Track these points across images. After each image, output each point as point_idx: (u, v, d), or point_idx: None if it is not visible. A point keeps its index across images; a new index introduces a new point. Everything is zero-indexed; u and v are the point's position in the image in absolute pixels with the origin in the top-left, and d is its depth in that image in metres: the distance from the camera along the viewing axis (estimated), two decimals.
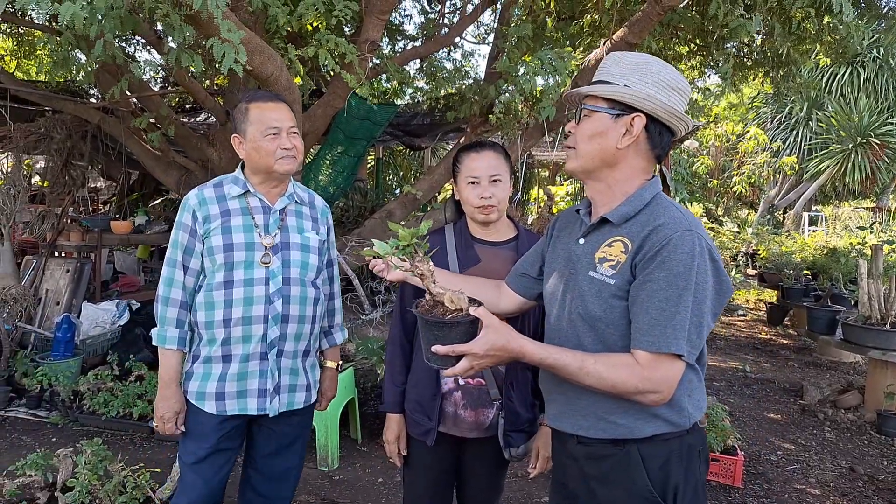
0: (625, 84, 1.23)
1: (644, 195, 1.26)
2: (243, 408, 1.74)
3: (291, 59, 2.96)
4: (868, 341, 4.18)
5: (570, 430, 1.30)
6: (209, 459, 1.75)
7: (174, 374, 1.74)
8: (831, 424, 4.18)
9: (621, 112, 1.24)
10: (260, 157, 1.72)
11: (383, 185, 7.74)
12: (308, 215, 1.86)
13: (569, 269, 1.32)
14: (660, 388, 1.17)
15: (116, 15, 2.16)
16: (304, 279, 1.79)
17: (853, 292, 4.97)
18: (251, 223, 1.74)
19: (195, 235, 1.73)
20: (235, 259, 1.70)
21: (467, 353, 1.16)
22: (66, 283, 4.84)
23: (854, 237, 9.11)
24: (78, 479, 2.36)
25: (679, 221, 1.20)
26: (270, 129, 1.70)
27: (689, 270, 1.16)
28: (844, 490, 3.21)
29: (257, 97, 1.76)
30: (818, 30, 3.70)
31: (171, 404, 1.73)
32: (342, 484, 3.10)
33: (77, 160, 5.18)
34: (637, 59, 1.26)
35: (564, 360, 1.18)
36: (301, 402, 1.83)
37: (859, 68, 10.55)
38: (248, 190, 1.77)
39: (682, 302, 1.15)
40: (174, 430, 1.75)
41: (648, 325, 1.16)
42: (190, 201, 1.74)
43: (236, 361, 1.72)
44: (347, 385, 3.44)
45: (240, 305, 1.70)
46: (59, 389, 3.75)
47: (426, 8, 5.09)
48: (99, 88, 4.38)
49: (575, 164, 1.31)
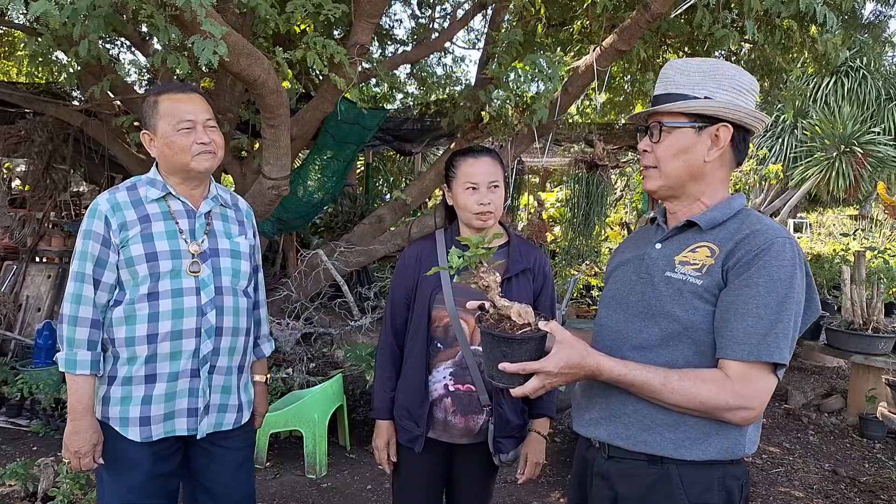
0: (705, 96, 1.17)
1: (733, 204, 1.21)
2: (170, 430, 1.57)
3: (280, 61, 2.93)
4: (851, 346, 4.23)
5: (604, 438, 1.21)
6: (146, 489, 1.57)
7: (88, 402, 1.53)
8: (815, 428, 4.22)
9: (704, 124, 1.18)
10: (174, 153, 1.55)
11: (373, 191, 7.70)
12: (234, 218, 1.71)
13: (640, 272, 1.25)
14: (752, 403, 1.08)
15: (100, 14, 2.12)
16: (236, 288, 1.64)
17: (837, 298, 5.03)
18: (175, 229, 1.58)
19: (109, 245, 1.53)
20: (161, 269, 1.53)
21: (540, 371, 1.08)
22: (48, 289, 4.74)
23: (838, 244, 9.25)
24: (59, 488, 2.32)
25: (778, 229, 1.14)
26: (184, 122, 1.53)
27: (791, 278, 1.09)
28: (827, 492, 3.24)
29: (167, 88, 1.62)
30: (803, 40, 3.76)
31: (88, 437, 1.52)
32: (330, 492, 3.06)
33: (59, 163, 5.09)
34: (703, 65, 1.20)
35: (647, 376, 1.10)
36: (230, 423, 1.67)
37: (843, 77, 10.73)
38: (169, 192, 1.60)
39: (784, 309, 1.08)
40: (92, 465, 1.55)
41: (744, 333, 1.07)
42: (100, 207, 1.54)
43: (163, 381, 1.55)
44: (336, 392, 3.40)
45: (168, 319, 1.53)
46: (40, 398, 3.67)
47: (417, 12, 5.09)
48: (82, 90, 4.31)
49: (658, 182, 1.23)
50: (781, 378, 1.12)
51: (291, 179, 3.62)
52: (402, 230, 4.45)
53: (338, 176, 4.82)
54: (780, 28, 3.54)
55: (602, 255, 6.88)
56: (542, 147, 4.50)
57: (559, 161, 7.92)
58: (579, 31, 4.32)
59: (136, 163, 4.33)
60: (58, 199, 5.31)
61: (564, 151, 6.92)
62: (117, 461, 1.57)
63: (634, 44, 3.36)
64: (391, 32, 5.29)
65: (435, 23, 4.87)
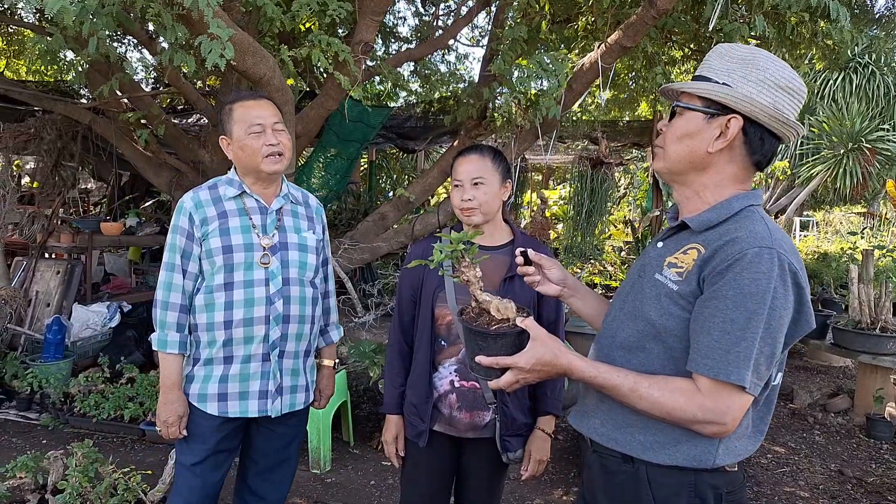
0: (724, 82, 1.10)
1: (733, 205, 1.12)
2: (244, 410, 1.74)
3: (284, 59, 2.94)
4: (858, 345, 4.20)
5: (584, 431, 1.25)
6: (208, 461, 1.76)
7: (176, 378, 1.73)
8: (821, 428, 4.19)
9: (717, 112, 1.11)
10: (246, 155, 1.71)
11: (376, 188, 7.71)
12: (304, 215, 1.87)
13: (641, 271, 1.24)
14: (721, 419, 1.04)
15: (108, 13, 2.14)
16: (303, 279, 1.79)
17: (844, 297, 5.00)
18: (249, 224, 1.74)
19: (192, 238, 1.72)
20: (235, 261, 1.70)
21: (512, 366, 1.10)
22: (57, 284, 4.79)
23: (845, 242, 9.18)
24: (69, 481, 2.34)
25: (761, 237, 1.05)
26: (254, 125, 1.69)
27: (763, 292, 1.01)
28: (833, 493, 3.23)
29: (240, 97, 1.76)
30: (812, 34, 3.73)
31: (175, 408, 1.72)
32: (334, 486, 3.08)
33: (67, 161, 5.13)
34: (745, 53, 1.12)
35: (616, 380, 1.09)
36: (301, 402, 1.85)
37: (851, 74, 10.64)
38: (245, 191, 1.76)
39: (751, 327, 1.01)
40: (178, 434, 1.74)
41: (708, 348, 1.04)
42: (185, 204, 1.73)
43: (238, 363, 1.72)
44: (340, 388, 3.43)
45: (241, 307, 1.70)
46: (49, 392, 3.72)
47: (420, 10, 5.09)
48: (90, 89, 4.35)
49: (661, 164, 1.21)
50: (758, 395, 1.07)
51: (296, 177, 3.64)
52: (406, 228, 4.46)
53: (341, 173, 4.84)
54: (788, 23, 3.51)
55: (605, 253, 6.86)
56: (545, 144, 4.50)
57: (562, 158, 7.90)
58: (584, 27, 4.31)
59: (143, 160, 4.36)
60: (66, 196, 5.36)
61: (568, 149, 6.90)
62: (191, 434, 1.75)
63: (640, 40, 3.35)
64: (395, 30, 5.29)
65: (439, 20, 4.87)
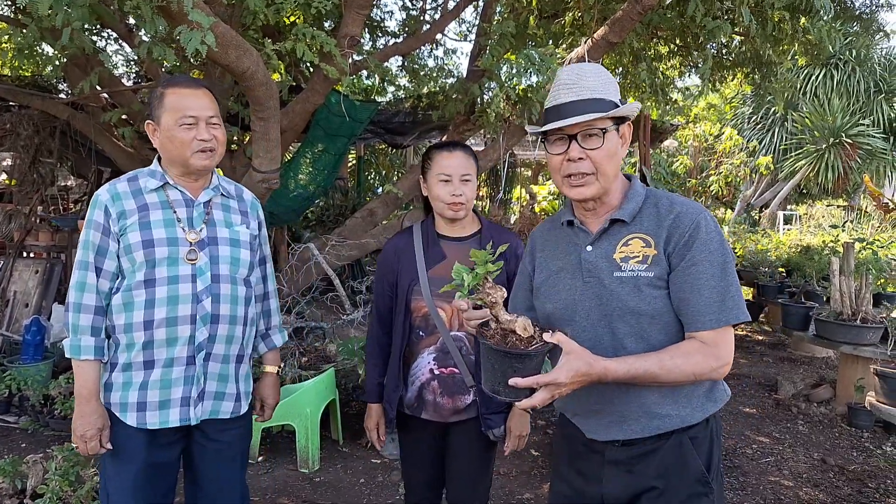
0: (619, 100, 1.28)
1: (637, 188, 1.32)
2: (164, 420, 1.58)
3: (269, 53, 2.89)
4: (839, 336, 4.27)
5: (620, 437, 1.29)
6: (144, 477, 1.59)
7: (93, 386, 1.57)
8: (804, 418, 4.26)
9: (619, 124, 1.29)
10: (174, 147, 1.58)
11: (365, 184, 7.66)
12: (236, 209, 1.73)
13: (584, 277, 1.31)
14: (728, 359, 1.22)
15: (84, 3, 2.08)
16: (234, 276, 1.66)
17: (826, 289, 5.07)
18: (172, 217, 1.60)
19: (109, 234, 1.58)
20: (157, 256, 1.56)
21: (551, 383, 1.11)
22: (36, 284, 4.69)
23: (827, 235, 9.32)
24: (48, 485, 2.29)
25: (692, 205, 1.27)
26: (187, 117, 1.55)
27: (721, 244, 1.23)
28: (816, 481, 3.28)
29: (176, 81, 1.61)
30: (794, 31, 3.77)
31: (93, 420, 1.56)
32: (323, 486, 3.06)
33: (45, 157, 5.02)
34: (597, 69, 1.30)
35: (644, 365, 1.18)
36: (228, 412, 1.67)
37: (833, 70, 10.79)
38: (167, 182, 1.63)
39: (728, 273, 1.22)
40: (98, 449, 1.58)
41: (706, 305, 1.20)
42: (101, 197, 1.59)
43: (159, 367, 1.57)
44: (328, 386, 3.40)
45: (163, 305, 1.55)
46: (28, 394, 3.64)
47: (408, 4, 5.05)
48: (68, 83, 4.25)
49: (596, 188, 1.28)
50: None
51: (282, 173, 3.60)
52: (394, 224, 4.44)
53: (329, 169, 4.79)
54: (771, 20, 3.54)
55: None
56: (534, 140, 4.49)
57: None
58: (571, 23, 4.30)
59: (124, 156, 4.28)
60: (45, 194, 5.25)
61: None
62: (117, 448, 1.60)
63: (626, 36, 3.35)
64: (382, 24, 5.25)
65: (426, 14, 4.83)
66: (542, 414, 4.06)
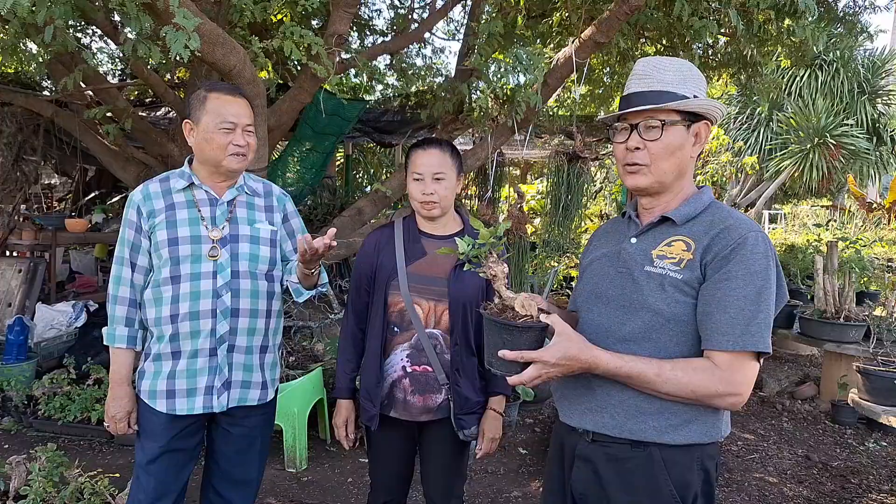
0: (693, 95, 1.23)
1: (703, 198, 1.27)
2: (191, 407, 1.70)
3: (256, 51, 2.88)
4: (823, 334, 4.33)
5: (591, 427, 1.26)
6: (162, 460, 1.71)
7: (125, 372, 1.72)
8: (789, 415, 4.32)
9: (691, 121, 1.24)
10: (210, 148, 1.68)
11: (353, 183, 7.63)
12: (261, 206, 1.81)
13: (617, 267, 1.29)
14: (739, 389, 1.13)
15: (67, 0, 2.05)
16: (254, 272, 1.74)
17: (810, 287, 5.14)
18: (197, 216, 1.71)
19: (141, 232, 1.70)
20: (181, 253, 1.67)
21: (538, 360, 1.11)
22: (19, 283, 4.63)
23: (811, 234, 9.45)
24: (32, 486, 2.27)
25: (749, 222, 1.20)
26: (226, 122, 1.65)
27: (766, 269, 1.15)
28: (800, 477, 3.33)
29: (219, 87, 1.71)
30: (779, 32, 3.81)
31: (123, 404, 1.71)
32: (311, 485, 3.05)
33: (29, 155, 4.96)
34: (679, 65, 1.26)
35: (642, 367, 1.14)
36: (255, 399, 1.78)
37: (817, 71, 10.91)
38: (193, 182, 1.72)
39: (763, 300, 1.14)
40: (126, 429, 1.73)
41: (728, 324, 1.12)
42: (135, 197, 1.72)
43: (185, 358, 1.69)
44: (316, 385, 3.39)
45: (186, 300, 1.66)
46: (11, 394, 3.59)
47: (396, 2, 5.04)
48: (52, 80, 4.19)
49: (649, 179, 1.26)
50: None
51: (269, 171, 3.58)
52: (383, 223, 4.43)
53: (317, 168, 4.78)
54: (756, 21, 3.58)
55: (581, 246, 6.94)
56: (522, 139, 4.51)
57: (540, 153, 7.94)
58: (558, 23, 4.32)
59: (108, 154, 4.23)
60: (28, 192, 5.18)
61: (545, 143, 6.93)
62: (145, 432, 1.73)
63: (613, 36, 3.37)
64: (370, 23, 5.23)
65: (414, 13, 4.83)
66: (530, 412, 4.08)
